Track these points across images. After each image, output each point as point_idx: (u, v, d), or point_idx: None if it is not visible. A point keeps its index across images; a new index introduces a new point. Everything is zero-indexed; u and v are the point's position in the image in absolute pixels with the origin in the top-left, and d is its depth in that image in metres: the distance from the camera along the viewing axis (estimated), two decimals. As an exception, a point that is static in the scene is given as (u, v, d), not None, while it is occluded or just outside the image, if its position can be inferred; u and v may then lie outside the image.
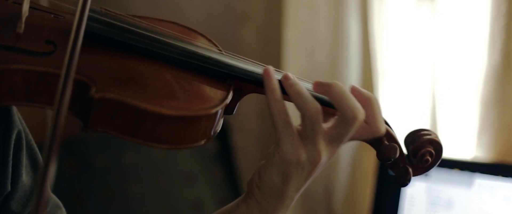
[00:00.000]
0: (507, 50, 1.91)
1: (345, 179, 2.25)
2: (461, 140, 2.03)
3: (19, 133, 1.06)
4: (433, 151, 1.04)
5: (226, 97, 0.97)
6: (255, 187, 1.00)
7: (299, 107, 0.95)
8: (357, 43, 2.20)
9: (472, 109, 1.99)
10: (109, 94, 0.90)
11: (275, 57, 2.35)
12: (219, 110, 0.95)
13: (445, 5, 2.01)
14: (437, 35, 2.04)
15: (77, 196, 2.14)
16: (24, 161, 1.08)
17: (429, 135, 1.04)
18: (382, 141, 1.03)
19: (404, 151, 1.05)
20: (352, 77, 2.21)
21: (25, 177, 1.08)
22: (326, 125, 0.97)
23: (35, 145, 1.10)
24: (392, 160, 1.03)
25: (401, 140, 1.06)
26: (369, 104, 0.98)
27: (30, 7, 0.95)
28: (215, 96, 0.97)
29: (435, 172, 1.94)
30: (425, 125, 2.08)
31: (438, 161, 1.05)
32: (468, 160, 1.98)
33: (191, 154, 2.34)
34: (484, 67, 1.95)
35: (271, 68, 0.99)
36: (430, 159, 1.04)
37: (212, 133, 0.97)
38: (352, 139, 0.99)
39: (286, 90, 0.97)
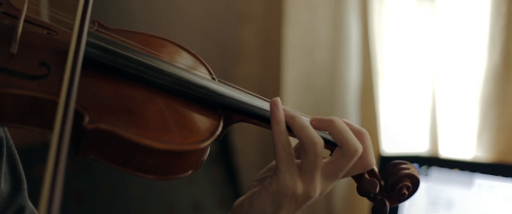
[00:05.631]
0: (507, 50, 1.91)
1: (345, 180, 2.25)
2: (461, 140, 2.03)
3: (0, 140, 1.05)
4: (410, 185, 1.06)
5: (216, 129, 0.95)
6: (243, 213, 0.99)
7: (304, 140, 0.95)
8: (357, 43, 2.20)
9: (472, 109, 1.99)
10: (102, 125, 0.87)
11: (275, 57, 2.35)
12: (209, 143, 0.94)
13: (445, 5, 2.01)
14: (437, 35, 2.04)
15: (78, 196, 2.15)
16: (4, 168, 1.06)
17: (408, 169, 1.06)
18: (363, 175, 1.04)
19: (382, 183, 1.07)
20: (352, 77, 2.21)
21: (3, 185, 1.06)
22: (323, 160, 0.97)
23: (15, 152, 1.09)
24: (372, 194, 1.05)
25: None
26: (362, 137, 0.99)
27: (24, 21, 0.90)
28: (206, 128, 0.95)
29: (435, 172, 1.94)
30: (425, 125, 2.08)
31: (414, 193, 1.07)
32: (468, 160, 1.98)
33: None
34: (484, 67, 1.95)
35: (278, 99, 0.98)
36: (407, 192, 1.06)
37: (199, 164, 0.96)
38: (344, 175, 1.00)
39: (289, 123, 0.96)
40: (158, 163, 0.91)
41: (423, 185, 1.95)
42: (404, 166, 1.07)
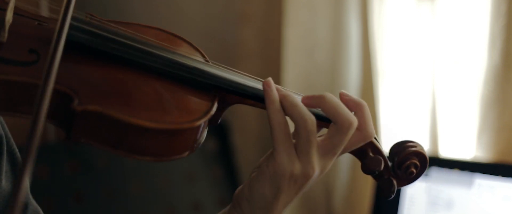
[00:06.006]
0: (507, 50, 1.91)
1: (345, 179, 2.26)
2: (461, 140, 2.03)
3: (0, 138, 1.05)
4: (418, 163, 1.03)
5: (210, 109, 0.95)
6: (244, 200, 0.98)
7: (295, 118, 0.94)
8: (357, 43, 2.20)
9: (472, 109, 2.00)
10: (91, 106, 0.88)
11: (275, 57, 2.35)
12: (203, 122, 0.94)
13: (445, 5, 2.01)
14: (437, 35, 2.04)
15: (78, 196, 2.14)
16: (5, 166, 1.06)
17: (415, 146, 1.04)
18: (367, 153, 1.02)
19: (389, 162, 1.04)
20: (352, 77, 2.21)
21: (5, 183, 1.06)
22: (318, 139, 0.95)
23: (16, 150, 1.09)
24: (377, 172, 1.02)
25: (386, 150, 1.05)
26: (360, 109, 0.97)
27: (14, 14, 0.92)
28: (199, 108, 0.95)
29: (435, 172, 1.95)
30: (425, 125, 2.08)
31: (423, 172, 1.04)
32: (468, 160, 1.99)
33: (191, 154, 2.35)
34: (484, 67, 1.95)
35: (271, 79, 0.97)
36: (415, 170, 1.03)
37: (195, 145, 0.95)
38: (344, 150, 0.98)
39: (282, 102, 0.95)
40: (153, 144, 0.91)
41: (423, 185, 1.95)
42: (410, 143, 1.04)
